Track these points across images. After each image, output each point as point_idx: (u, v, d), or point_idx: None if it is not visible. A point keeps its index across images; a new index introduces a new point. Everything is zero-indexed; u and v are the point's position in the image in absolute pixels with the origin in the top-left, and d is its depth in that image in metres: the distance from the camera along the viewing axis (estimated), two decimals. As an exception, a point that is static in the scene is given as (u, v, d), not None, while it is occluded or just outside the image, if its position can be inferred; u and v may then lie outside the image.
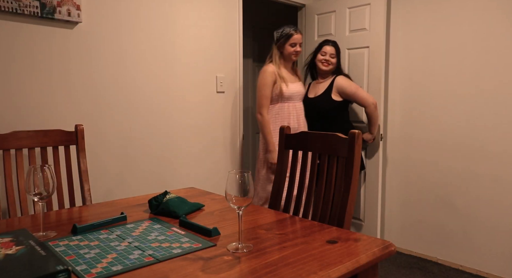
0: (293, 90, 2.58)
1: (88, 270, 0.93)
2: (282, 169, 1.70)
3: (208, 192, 1.77)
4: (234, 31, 2.85)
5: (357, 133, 1.42)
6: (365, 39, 2.93)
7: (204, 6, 2.64)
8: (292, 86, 2.59)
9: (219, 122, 2.81)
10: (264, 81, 2.57)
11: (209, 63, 2.71)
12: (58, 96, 2.06)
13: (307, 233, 1.20)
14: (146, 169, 2.43)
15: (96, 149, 2.20)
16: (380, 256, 1.06)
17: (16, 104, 1.93)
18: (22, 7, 1.86)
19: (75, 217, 1.40)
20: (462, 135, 2.74)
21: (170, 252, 1.04)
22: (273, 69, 2.57)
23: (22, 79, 1.94)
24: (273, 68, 2.57)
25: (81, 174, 1.87)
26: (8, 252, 0.90)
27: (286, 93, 2.55)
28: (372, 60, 2.90)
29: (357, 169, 1.43)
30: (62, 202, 1.80)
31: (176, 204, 1.40)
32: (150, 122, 2.43)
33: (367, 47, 2.92)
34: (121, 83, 2.28)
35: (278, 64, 2.60)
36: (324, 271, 0.92)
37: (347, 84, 2.72)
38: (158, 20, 2.41)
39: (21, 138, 1.75)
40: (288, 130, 1.74)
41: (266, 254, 1.02)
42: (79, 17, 2.05)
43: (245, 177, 1.03)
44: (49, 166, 1.16)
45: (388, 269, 2.78)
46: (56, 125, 2.04)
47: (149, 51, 2.39)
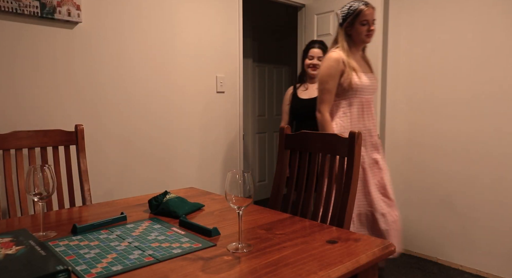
0: (366, 82, 2.08)
1: (88, 270, 0.93)
2: (282, 169, 1.70)
3: (208, 192, 1.77)
4: (234, 31, 2.85)
5: (357, 133, 1.42)
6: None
7: (204, 6, 2.64)
8: (365, 77, 2.09)
9: (219, 122, 2.81)
10: (328, 71, 2.06)
11: (209, 63, 2.71)
12: (58, 96, 2.06)
13: (307, 233, 1.20)
14: (146, 169, 2.43)
15: (96, 149, 2.20)
16: (380, 256, 1.06)
17: (16, 104, 1.93)
18: (22, 7, 1.86)
19: (75, 217, 1.40)
20: (462, 136, 2.74)
21: (170, 252, 1.04)
22: (340, 56, 2.06)
23: (22, 79, 1.94)
24: (339, 55, 2.06)
25: (81, 174, 1.86)
26: (8, 252, 0.90)
27: (357, 86, 2.05)
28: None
29: (357, 169, 1.43)
30: (62, 202, 1.80)
31: (176, 204, 1.40)
32: (150, 122, 2.43)
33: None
34: (121, 83, 2.28)
35: (347, 50, 2.09)
36: (324, 271, 0.92)
37: None
38: (158, 20, 2.41)
39: (21, 138, 1.75)
40: (288, 130, 1.73)
41: (266, 254, 1.02)
42: (79, 17, 2.05)
43: (245, 177, 1.03)
44: (49, 166, 1.16)
45: (388, 269, 2.78)
46: (56, 125, 2.04)
47: (149, 51, 2.39)
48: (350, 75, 2.03)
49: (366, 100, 2.11)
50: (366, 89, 2.09)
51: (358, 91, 2.06)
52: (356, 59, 2.13)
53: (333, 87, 2.06)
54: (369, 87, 2.11)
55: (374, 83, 2.15)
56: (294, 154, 1.69)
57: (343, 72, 2.05)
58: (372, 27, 2.07)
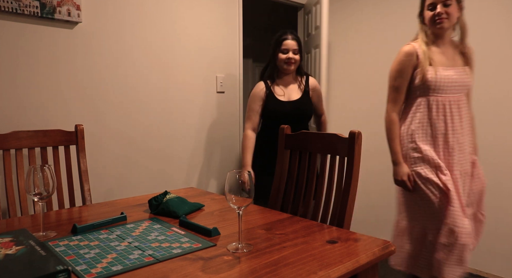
0: (446, 78, 1.75)
1: (88, 270, 0.93)
2: (282, 169, 1.70)
3: (208, 192, 1.77)
4: (234, 31, 2.85)
5: (357, 133, 1.42)
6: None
7: (204, 6, 2.64)
8: (448, 72, 1.77)
9: (219, 122, 2.81)
10: (397, 66, 1.82)
11: (209, 63, 2.71)
12: (58, 96, 2.06)
13: (307, 233, 1.20)
14: (146, 169, 2.43)
15: (96, 149, 2.20)
16: (380, 256, 1.06)
17: (16, 104, 1.93)
18: (22, 7, 1.86)
19: (75, 217, 1.40)
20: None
21: (170, 252, 1.04)
22: (412, 48, 1.79)
23: (22, 79, 1.94)
24: (412, 48, 1.79)
25: (81, 174, 1.87)
26: (8, 252, 0.90)
27: (432, 82, 1.74)
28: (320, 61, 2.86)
29: (357, 168, 1.43)
30: (62, 202, 1.80)
31: (176, 204, 1.40)
32: (150, 122, 2.43)
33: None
34: (121, 83, 2.28)
35: (426, 41, 1.80)
36: (324, 271, 0.92)
37: (319, 88, 2.40)
38: (158, 20, 2.41)
39: (21, 138, 1.75)
40: (288, 130, 1.73)
41: (266, 254, 1.02)
42: (79, 17, 2.05)
43: (245, 177, 1.03)
44: (49, 166, 1.16)
45: (388, 269, 2.78)
46: (56, 125, 2.04)
47: (149, 51, 2.39)
48: (424, 69, 1.74)
49: (449, 100, 1.76)
50: (447, 86, 1.74)
51: (435, 88, 1.74)
52: (443, 51, 1.80)
53: (402, 84, 1.81)
54: (453, 83, 1.75)
55: (463, 79, 1.77)
56: (294, 154, 1.69)
57: (417, 67, 1.78)
58: (440, 10, 1.71)
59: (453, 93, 1.77)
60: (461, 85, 1.79)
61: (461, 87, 1.79)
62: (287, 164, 1.71)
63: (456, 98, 1.78)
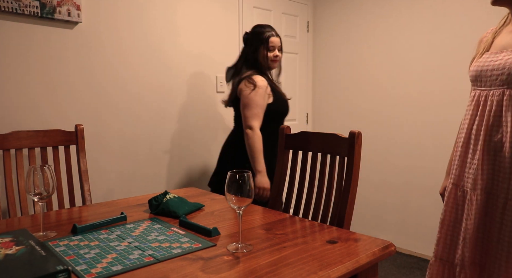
0: (482, 66, 1.33)
1: (88, 270, 0.93)
2: (282, 170, 1.70)
3: (208, 192, 1.77)
4: (234, 31, 2.85)
5: (357, 133, 1.42)
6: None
7: (204, 6, 2.64)
8: (489, 58, 1.32)
9: (219, 122, 2.81)
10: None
11: (209, 63, 2.71)
12: (58, 96, 2.06)
13: (307, 233, 1.20)
14: (146, 169, 2.43)
15: (96, 149, 2.20)
16: (380, 256, 1.06)
17: (16, 104, 1.93)
18: (22, 7, 1.86)
19: (75, 217, 1.40)
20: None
21: (170, 252, 1.04)
22: (484, 35, 1.43)
23: (22, 79, 1.94)
24: (484, 34, 1.43)
25: (81, 174, 1.87)
26: (8, 252, 0.90)
27: (470, 73, 1.39)
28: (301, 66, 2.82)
29: (357, 168, 1.43)
30: (62, 202, 1.80)
31: (176, 204, 1.40)
32: (150, 122, 2.43)
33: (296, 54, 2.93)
34: (121, 83, 2.28)
35: (502, 24, 1.37)
36: (324, 271, 0.92)
37: None
38: (158, 20, 2.41)
39: (21, 138, 1.75)
40: (288, 130, 1.73)
41: (266, 254, 1.02)
42: (79, 17, 2.05)
43: (245, 177, 1.03)
44: (49, 166, 1.16)
45: (388, 269, 2.78)
46: (56, 125, 2.04)
47: (149, 51, 2.39)
48: (475, 58, 1.39)
49: (483, 94, 1.32)
50: (482, 76, 1.31)
51: (472, 80, 1.37)
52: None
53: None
54: (487, 72, 1.29)
55: (500, 65, 1.25)
56: (294, 154, 1.69)
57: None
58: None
59: (486, 85, 1.30)
60: (496, 74, 1.27)
61: (496, 76, 1.27)
62: (287, 164, 1.71)
63: (491, 93, 1.28)
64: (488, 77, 1.29)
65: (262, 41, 2.13)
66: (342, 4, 3.29)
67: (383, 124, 3.13)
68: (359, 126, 3.23)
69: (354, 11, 3.22)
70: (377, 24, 3.09)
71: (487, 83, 1.30)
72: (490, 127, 1.27)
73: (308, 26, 3.43)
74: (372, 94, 3.16)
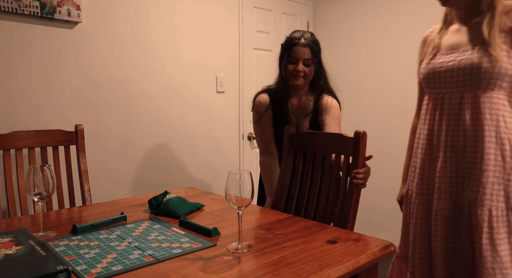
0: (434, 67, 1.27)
1: (88, 270, 0.93)
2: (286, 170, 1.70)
3: (208, 192, 1.77)
4: (234, 31, 2.85)
5: (362, 133, 1.42)
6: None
7: (204, 5, 2.64)
8: (443, 58, 1.26)
9: (219, 122, 2.81)
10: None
11: (209, 63, 2.71)
12: (58, 96, 2.06)
13: (307, 233, 1.20)
14: (146, 169, 2.43)
15: (96, 149, 2.20)
16: (380, 256, 1.06)
17: (16, 104, 1.93)
18: (22, 7, 1.86)
19: (75, 217, 1.40)
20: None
21: (170, 252, 1.04)
22: (426, 34, 1.42)
23: (22, 79, 1.94)
24: (427, 33, 1.42)
25: (81, 174, 1.87)
26: (8, 252, 0.90)
27: (421, 75, 1.34)
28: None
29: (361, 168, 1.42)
30: (62, 202, 1.80)
31: (176, 204, 1.40)
32: (150, 122, 2.43)
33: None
34: (121, 83, 2.28)
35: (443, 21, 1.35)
36: (324, 271, 0.92)
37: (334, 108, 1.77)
38: (158, 20, 2.41)
39: (21, 138, 1.75)
40: (293, 129, 1.71)
41: (266, 254, 1.02)
42: (79, 17, 2.05)
43: (245, 177, 1.03)
44: (49, 166, 1.16)
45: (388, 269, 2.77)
46: (56, 125, 2.04)
47: (149, 51, 2.39)
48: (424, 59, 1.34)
49: (439, 97, 1.26)
50: (436, 77, 1.25)
51: (426, 82, 1.30)
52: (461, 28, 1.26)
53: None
54: (441, 74, 1.24)
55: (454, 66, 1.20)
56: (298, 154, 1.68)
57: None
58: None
59: (443, 88, 1.24)
60: (453, 76, 1.21)
61: (451, 78, 1.21)
62: (291, 164, 1.70)
63: (451, 95, 1.22)
64: (442, 79, 1.24)
65: (285, 49, 1.73)
66: (342, 4, 3.29)
67: (384, 124, 3.13)
68: (360, 126, 3.23)
69: (354, 11, 3.22)
70: (377, 24, 3.09)
71: (442, 85, 1.25)
72: (451, 132, 1.22)
73: (308, 26, 3.43)
74: (372, 94, 3.16)
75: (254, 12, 2.98)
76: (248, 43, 2.96)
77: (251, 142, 3.04)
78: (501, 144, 1.15)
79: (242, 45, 2.92)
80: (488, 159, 1.15)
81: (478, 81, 1.16)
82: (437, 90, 1.27)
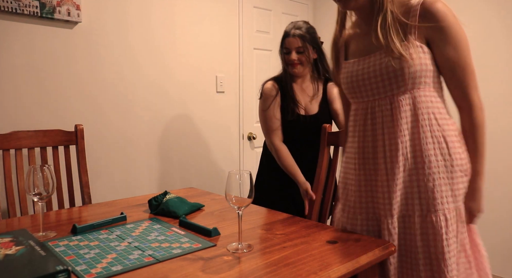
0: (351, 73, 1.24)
1: (88, 270, 0.93)
2: (323, 165, 1.74)
3: (208, 192, 1.77)
4: (234, 31, 2.84)
5: None
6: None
7: (204, 5, 2.64)
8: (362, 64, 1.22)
9: (219, 122, 2.81)
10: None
11: (209, 63, 2.71)
12: (58, 96, 2.06)
13: (307, 233, 1.19)
14: (146, 169, 2.43)
15: (96, 149, 2.20)
16: (380, 256, 1.06)
17: (16, 104, 1.93)
18: (22, 7, 1.86)
19: (75, 217, 1.39)
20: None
21: (170, 252, 1.04)
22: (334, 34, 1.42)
23: (21, 79, 1.94)
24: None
25: (81, 174, 1.86)
26: (8, 252, 0.90)
27: (343, 84, 1.30)
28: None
29: None
30: (62, 202, 1.80)
31: (176, 204, 1.40)
32: (150, 122, 2.43)
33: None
34: (121, 83, 2.28)
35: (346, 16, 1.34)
36: (324, 271, 0.92)
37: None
38: (158, 20, 2.41)
39: (21, 138, 1.75)
40: (330, 128, 1.76)
41: (266, 254, 1.02)
42: (78, 17, 2.04)
43: (245, 177, 1.03)
44: (49, 166, 1.16)
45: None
46: (56, 125, 2.04)
47: (149, 51, 2.39)
48: (339, 66, 1.33)
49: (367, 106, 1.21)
50: (361, 86, 1.20)
51: (349, 92, 1.26)
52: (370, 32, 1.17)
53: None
54: (365, 81, 1.19)
55: (376, 72, 1.15)
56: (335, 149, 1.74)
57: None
58: None
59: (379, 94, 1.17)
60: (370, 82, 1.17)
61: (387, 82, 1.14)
62: (327, 160, 1.75)
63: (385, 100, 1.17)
64: (368, 87, 1.18)
65: (281, 41, 1.87)
66: (342, 4, 3.28)
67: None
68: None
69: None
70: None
71: (369, 92, 1.18)
72: (387, 142, 1.15)
73: (308, 26, 3.43)
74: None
75: (254, 12, 2.98)
76: (248, 43, 2.96)
77: (251, 142, 3.04)
78: (437, 143, 1.12)
79: (242, 45, 2.91)
80: (430, 162, 1.12)
81: (404, 83, 1.12)
82: (364, 98, 1.21)
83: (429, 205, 1.12)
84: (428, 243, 1.12)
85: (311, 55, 1.84)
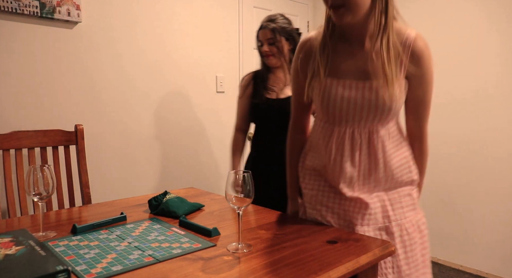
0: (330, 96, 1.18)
1: (87, 270, 0.93)
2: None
3: (208, 192, 1.77)
4: (234, 31, 2.84)
5: None
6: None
7: (204, 5, 2.64)
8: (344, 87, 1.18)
9: (219, 122, 2.81)
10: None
11: (209, 63, 2.71)
12: (57, 96, 2.06)
13: (307, 233, 1.19)
14: (146, 169, 2.43)
15: (96, 149, 2.20)
16: (380, 256, 1.06)
17: (15, 104, 1.93)
18: (22, 7, 1.86)
19: (75, 217, 1.39)
20: (462, 135, 2.73)
21: (170, 252, 1.04)
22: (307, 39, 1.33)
23: (21, 79, 1.94)
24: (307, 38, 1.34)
25: (81, 174, 1.86)
26: (8, 252, 0.90)
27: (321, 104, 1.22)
28: None
29: None
30: (62, 202, 1.80)
31: (176, 204, 1.40)
32: (150, 122, 2.43)
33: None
34: (120, 83, 2.28)
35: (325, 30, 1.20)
36: (324, 271, 0.92)
37: None
38: (158, 20, 2.41)
39: (21, 138, 1.75)
40: None
41: (266, 254, 1.02)
42: (78, 17, 2.04)
43: (245, 177, 1.03)
44: (49, 166, 1.16)
45: (388, 269, 2.78)
46: (56, 125, 2.04)
47: (149, 51, 2.39)
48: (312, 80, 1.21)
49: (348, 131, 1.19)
50: (343, 110, 1.17)
51: (327, 113, 1.21)
52: (357, 53, 1.16)
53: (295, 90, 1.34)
54: (351, 108, 1.16)
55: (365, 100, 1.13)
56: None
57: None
58: None
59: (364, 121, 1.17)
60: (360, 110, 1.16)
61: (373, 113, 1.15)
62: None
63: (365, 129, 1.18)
64: (356, 114, 1.15)
65: (256, 35, 1.96)
66: (342, 4, 3.29)
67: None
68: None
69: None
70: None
71: (355, 119, 1.16)
72: (368, 166, 1.19)
73: (308, 26, 3.43)
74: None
75: (254, 12, 2.98)
76: (248, 43, 2.96)
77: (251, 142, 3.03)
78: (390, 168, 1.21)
79: (242, 45, 2.91)
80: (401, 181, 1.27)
81: (389, 117, 1.16)
82: (343, 122, 1.18)
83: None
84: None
85: (284, 46, 1.86)
